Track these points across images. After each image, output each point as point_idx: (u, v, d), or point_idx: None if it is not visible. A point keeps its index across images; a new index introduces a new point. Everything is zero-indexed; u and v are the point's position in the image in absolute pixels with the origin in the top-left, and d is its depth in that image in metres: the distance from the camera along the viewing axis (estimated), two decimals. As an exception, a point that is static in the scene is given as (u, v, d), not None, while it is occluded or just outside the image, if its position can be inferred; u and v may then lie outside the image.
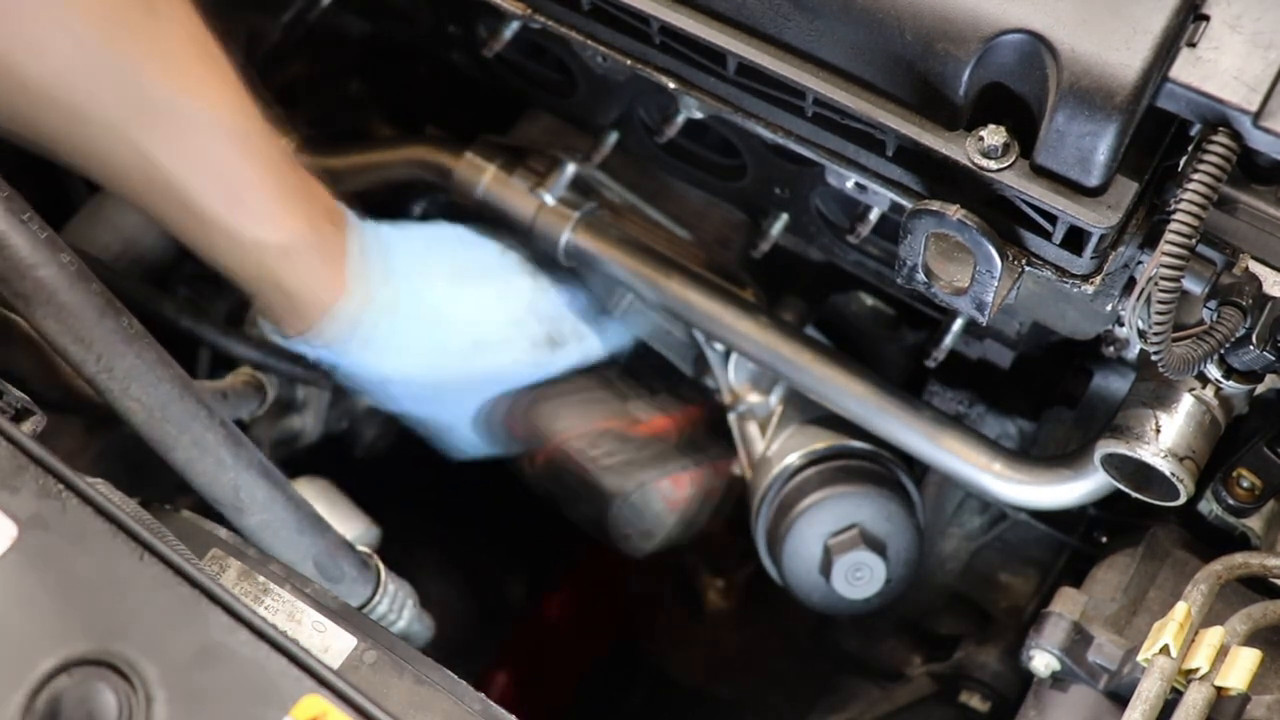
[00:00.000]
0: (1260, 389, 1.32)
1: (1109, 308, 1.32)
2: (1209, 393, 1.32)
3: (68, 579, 0.98)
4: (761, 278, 1.78)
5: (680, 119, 1.55)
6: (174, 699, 0.95)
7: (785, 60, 1.20)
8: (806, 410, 1.75)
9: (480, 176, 1.79)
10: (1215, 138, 1.06)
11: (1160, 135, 1.14)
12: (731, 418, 1.81)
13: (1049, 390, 1.72)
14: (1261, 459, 1.40)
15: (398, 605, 1.35)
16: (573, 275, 1.69)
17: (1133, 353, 1.55)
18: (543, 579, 2.48)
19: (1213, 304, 1.18)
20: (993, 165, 1.13)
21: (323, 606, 1.15)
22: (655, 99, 1.64)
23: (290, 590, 1.16)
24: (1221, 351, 1.20)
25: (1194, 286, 1.18)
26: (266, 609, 1.15)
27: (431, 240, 1.51)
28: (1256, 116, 1.04)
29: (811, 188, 1.61)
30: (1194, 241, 1.07)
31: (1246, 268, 1.16)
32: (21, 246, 1.06)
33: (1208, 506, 1.45)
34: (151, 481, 1.78)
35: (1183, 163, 1.11)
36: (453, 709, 1.07)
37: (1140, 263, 1.24)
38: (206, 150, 1.22)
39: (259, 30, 1.84)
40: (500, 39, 1.60)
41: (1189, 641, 1.24)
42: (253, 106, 1.26)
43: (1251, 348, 1.18)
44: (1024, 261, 1.18)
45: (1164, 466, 1.32)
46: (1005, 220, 1.17)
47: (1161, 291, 1.08)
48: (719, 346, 1.78)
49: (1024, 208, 1.15)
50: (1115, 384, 1.65)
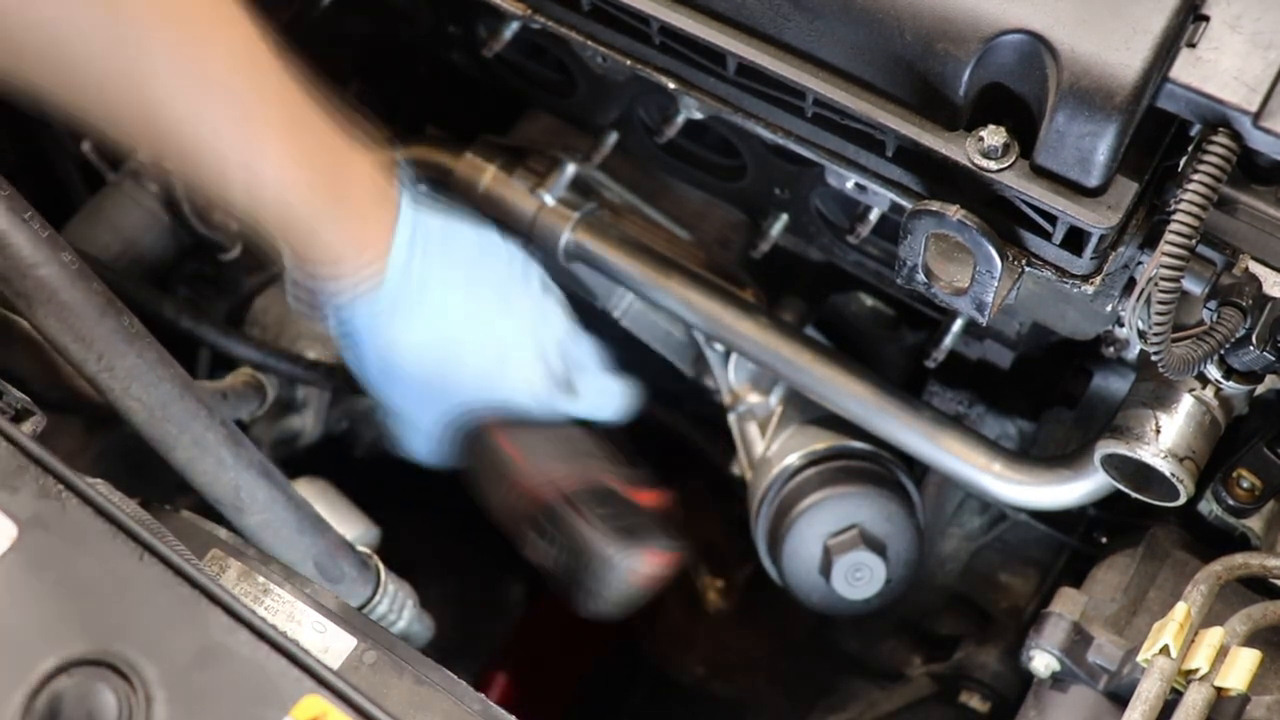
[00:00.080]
0: (1260, 389, 1.32)
1: (1109, 308, 1.32)
2: (1209, 393, 1.32)
3: (68, 579, 0.98)
4: (761, 278, 1.78)
5: (680, 119, 1.55)
6: (174, 699, 0.95)
7: (785, 60, 1.20)
8: (806, 410, 1.75)
9: (480, 176, 1.80)
10: (1215, 138, 1.06)
11: (1160, 135, 1.14)
12: (731, 418, 1.81)
13: (1049, 391, 1.72)
14: (1261, 459, 1.40)
15: (398, 605, 1.35)
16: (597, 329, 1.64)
17: (1133, 353, 1.55)
18: (542, 579, 2.47)
19: (1213, 304, 1.18)
20: (993, 165, 1.13)
21: (323, 607, 1.15)
22: (655, 99, 1.64)
23: (290, 591, 1.16)
24: (1221, 352, 1.20)
25: (1194, 287, 1.18)
26: (266, 609, 1.15)
27: (469, 240, 1.42)
28: (1256, 117, 1.04)
29: (811, 188, 1.61)
30: (1194, 242, 1.07)
31: (1246, 268, 1.16)
32: (23, 245, 1.05)
33: (1208, 507, 1.45)
34: (152, 482, 1.78)
35: (1183, 163, 1.11)
36: (452, 709, 1.07)
37: (1140, 263, 1.24)
38: (218, 102, 1.10)
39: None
40: (500, 39, 1.60)
41: (1189, 642, 1.24)
42: (267, 55, 1.14)
43: (1251, 348, 1.18)
44: (1024, 262, 1.18)
45: (1164, 467, 1.32)
46: (1005, 220, 1.17)
47: (1161, 292, 1.08)
48: (719, 347, 1.78)
49: (1024, 208, 1.15)
50: (1115, 384, 1.64)
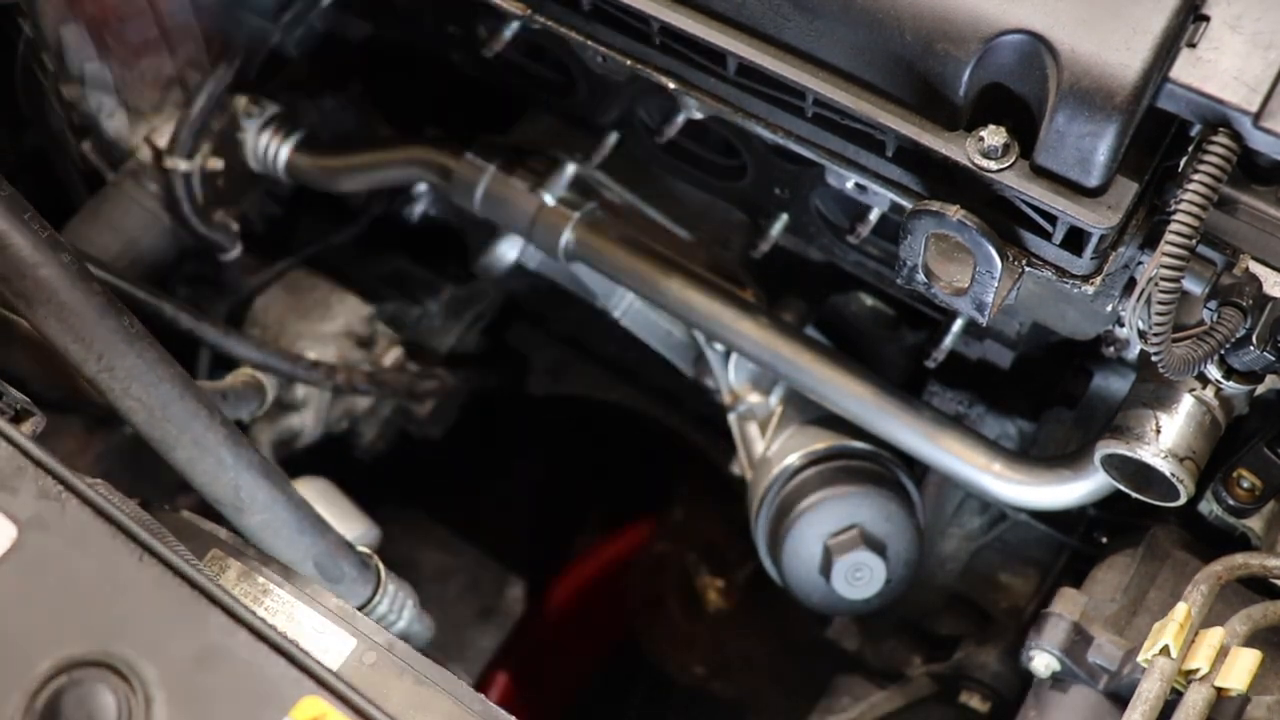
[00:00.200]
0: (1260, 389, 1.32)
1: (1109, 308, 1.32)
2: (1209, 393, 1.32)
3: (67, 580, 0.98)
4: (761, 278, 1.78)
5: (680, 119, 1.55)
6: (173, 700, 0.95)
7: (785, 61, 1.20)
8: (806, 410, 1.75)
9: (480, 176, 1.80)
10: (1215, 138, 1.06)
11: (1160, 136, 1.14)
12: (732, 418, 1.81)
13: (1049, 391, 1.72)
14: (1262, 459, 1.40)
15: (398, 606, 1.35)
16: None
17: (1133, 353, 1.55)
18: (543, 579, 2.48)
19: (1213, 304, 1.18)
20: (993, 165, 1.13)
21: (322, 607, 1.15)
22: (655, 99, 1.64)
23: (290, 591, 1.16)
24: (1222, 352, 1.20)
25: (1194, 287, 1.18)
26: (266, 610, 1.15)
27: None
28: (1257, 117, 1.04)
29: (811, 188, 1.61)
30: (1194, 242, 1.07)
31: (1247, 268, 1.16)
32: (22, 246, 1.06)
33: (1208, 507, 1.45)
34: (152, 482, 1.78)
35: (1183, 163, 1.11)
36: (453, 709, 1.07)
37: (1140, 263, 1.24)
38: None
39: (259, 31, 1.84)
40: (500, 39, 1.60)
41: (1189, 642, 1.24)
42: None
43: (1252, 348, 1.18)
44: (1024, 262, 1.18)
45: (1164, 467, 1.32)
46: (1005, 220, 1.16)
47: (1162, 292, 1.08)
48: (719, 347, 1.78)
49: (1024, 208, 1.15)
50: (1115, 384, 1.64)
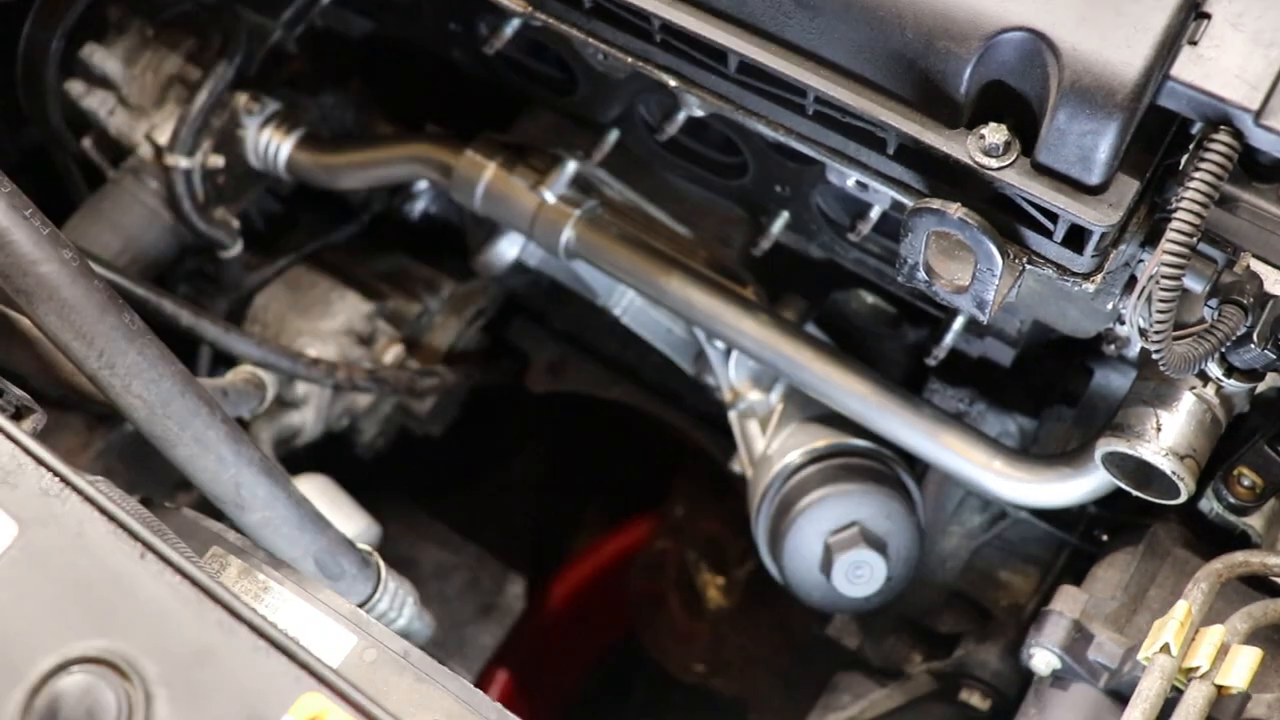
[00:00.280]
0: (1261, 387, 1.32)
1: (1110, 306, 1.32)
2: (1210, 391, 1.32)
3: (68, 577, 0.98)
4: (762, 275, 1.78)
5: (681, 117, 1.55)
6: (174, 697, 0.94)
7: (786, 58, 1.20)
8: (807, 408, 1.75)
9: (481, 174, 1.80)
10: (1216, 136, 1.06)
11: (1161, 133, 1.14)
12: (732, 415, 1.81)
13: (1049, 388, 1.72)
14: (1262, 457, 1.40)
15: (398, 603, 1.35)
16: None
17: (1133, 351, 1.55)
18: (543, 577, 2.48)
19: (1214, 302, 1.18)
20: (994, 163, 1.12)
21: (323, 605, 1.15)
22: (656, 97, 1.64)
23: (290, 588, 1.16)
24: (1222, 350, 1.20)
25: (1195, 285, 1.18)
26: (266, 607, 1.14)
27: None
28: (1258, 115, 1.04)
29: (812, 186, 1.61)
30: (1195, 240, 1.06)
31: (1248, 266, 1.16)
32: (23, 242, 1.05)
33: (1208, 505, 1.45)
34: (152, 479, 1.78)
35: (1184, 161, 1.11)
36: (453, 707, 1.07)
37: (1141, 261, 1.24)
38: None
39: (260, 28, 1.84)
40: (501, 37, 1.60)
41: (1189, 640, 1.24)
42: None
43: (1252, 346, 1.18)
44: (1025, 260, 1.18)
45: (1165, 465, 1.32)
46: (1006, 218, 1.16)
47: (1162, 290, 1.08)
48: (719, 344, 1.78)
49: (1025, 206, 1.14)
50: (1116, 382, 1.64)
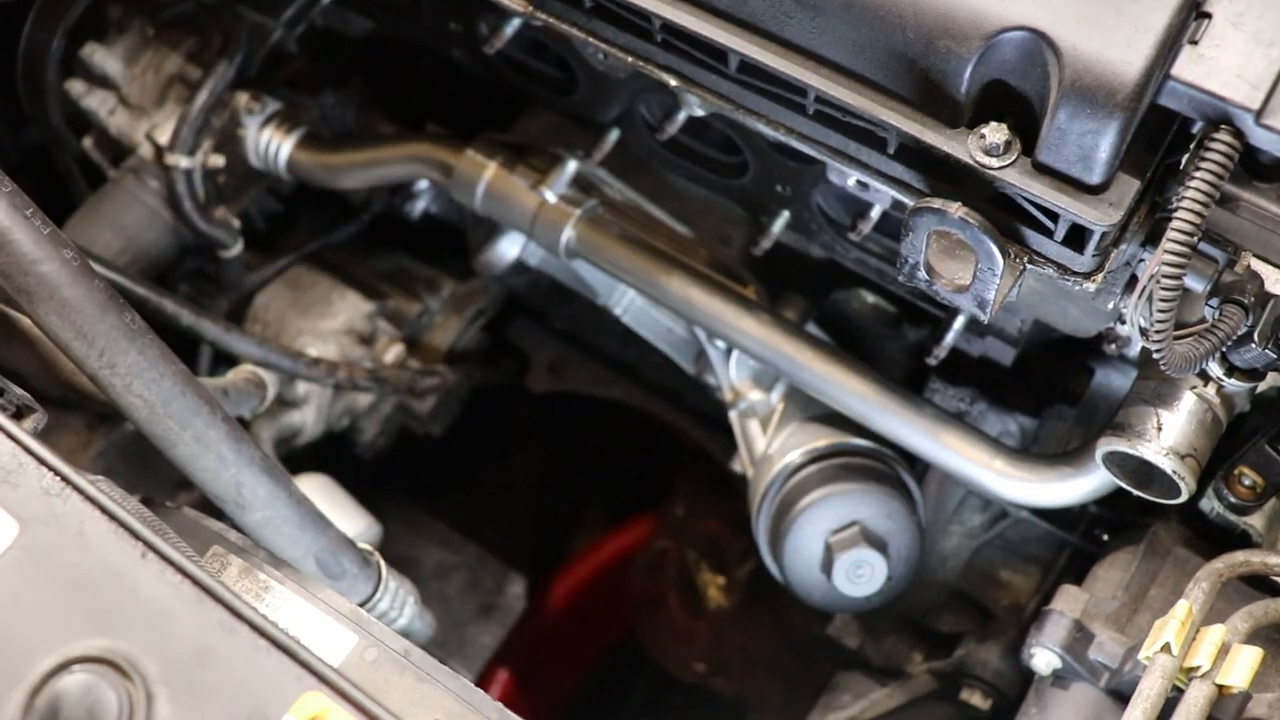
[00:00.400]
0: (1262, 387, 1.32)
1: (1110, 305, 1.32)
2: (1210, 390, 1.32)
3: (69, 576, 0.98)
4: (763, 275, 1.78)
5: (681, 116, 1.55)
6: (175, 696, 0.95)
7: (787, 57, 1.20)
8: (808, 408, 1.75)
9: (481, 173, 1.80)
10: (1217, 135, 1.06)
11: (1162, 133, 1.14)
12: (733, 415, 1.81)
13: (1050, 388, 1.72)
14: (1263, 457, 1.40)
15: (399, 602, 1.35)
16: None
17: (1134, 350, 1.55)
18: (544, 576, 2.48)
19: (1214, 302, 1.18)
20: (994, 163, 1.12)
21: (323, 604, 1.15)
22: (657, 96, 1.64)
23: (291, 588, 1.16)
24: (1223, 349, 1.20)
25: (1196, 284, 1.18)
26: (267, 606, 1.14)
27: None
28: (1259, 114, 1.04)
29: (813, 185, 1.61)
30: (1196, 239, 1.06)
31: (1248, 265, 1.16)
32: (24, 242, 1.05)
33: (1209, 504, 1.45)
34: (153, 478, 1.78)
35: (1184, 160, 1.11)
36: (454, 706, 1.07)
37: (1142, 260, 1.24)
38: None
39: (260, 28, 1.84)
40: (502, 36, 1.60)
41: (1190, 639, 1.24)
42: None
43: (1253, 345, 1.18)
44: (1026, 259, 1.18)
45: (1165, 464, 1.32)
46: (1007, 218, 1.16)
47: (1163, 289, 1.08)
48: (720, 344, 1.78)
49: (1026, 205, 1.14)
50: (1117, 382, 1.64)
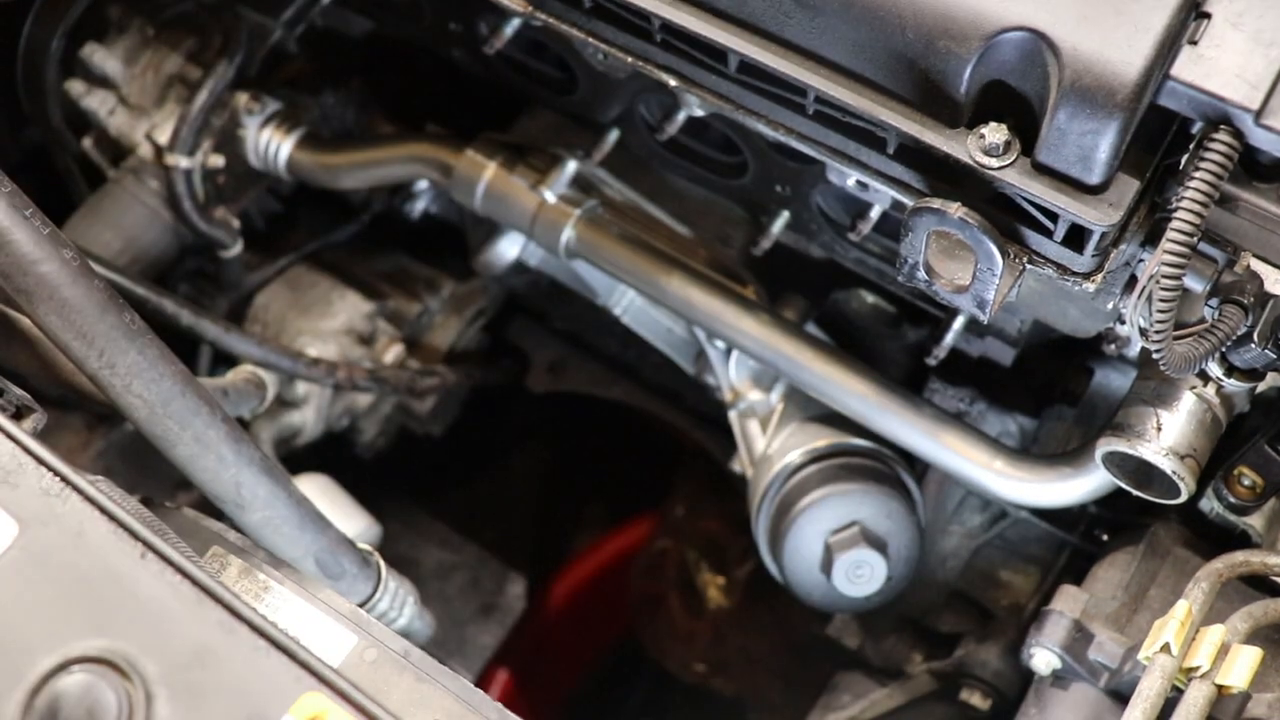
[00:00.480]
0: (1261, 387, 1.32)
1: (1110, 305, 1.32)
2: (1210, 391, 1.32)
3: (68, 577, 0.98)
4: (762, 275, 1.78)
5: (681, 116, 1.55)
6: (174, 697, 0.95)
7: (787, 58, 1.20)
8: (807, 408, 1.75)
9: (481, 174, 1.80)
10: (1217, 135, 1.06)
11: (1162, 133, 1.14)
12: (732, 415, 1.81)
13: (1050, 388, 1.72)
14: (1263, 457, 1.40)
15: (398, 603, 1.35)
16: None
17: (1134, 351, 1.55)
18: (543, 576, 2.48)
19: (1214, 302, 1.18)
20: (994, 163, 1.12)
21: (323, 604, 1.15)
22: (656, 97, 1.64)
23: (291, 588, 1.16)
24: (1223, 349, 1.20)
25: (1195, 284, 1.18)
26: (267, 606, 1.14)
27: None
28: (1258, 114, 1.04)
29: (813, 185, 1.61)
30: (1195, 239, 1.06)
31: (1248, 266, 1.16)
32: (24, 242, 1.05)
33: (1209, 504, 1.45)
34: (153, 479, 1.79)
35: (1184, 161, 1.11)
36: (453, 707, 1.07)
37: (1142, 260, 1.24)
38: None
39: (260, 28, 1.84)
40: (501, 36, 1.60)
41: (1190, 639, 1.24)
42: None
43: (1253, 346, 1.18)
44: (1025, 259, 1.18)
45: (1165, 464, 1.32)
46: (1006, 218, 1.16)
47: (1163, 289, 1.08)
48: (720, 344, 1.78)
49: (1025, 205, 1.14)
50: (1116, 382, 1.64)
